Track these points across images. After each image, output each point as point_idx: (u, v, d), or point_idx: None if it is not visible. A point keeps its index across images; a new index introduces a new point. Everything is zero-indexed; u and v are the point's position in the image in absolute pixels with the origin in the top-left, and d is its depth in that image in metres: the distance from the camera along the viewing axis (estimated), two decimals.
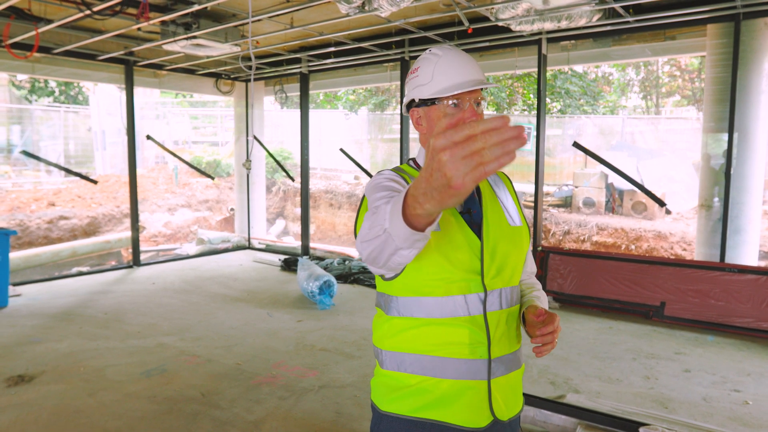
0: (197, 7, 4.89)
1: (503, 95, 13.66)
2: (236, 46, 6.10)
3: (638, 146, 12.00)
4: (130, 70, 7.42)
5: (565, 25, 5.06)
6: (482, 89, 1.34)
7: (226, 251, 8.98)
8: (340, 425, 3.13)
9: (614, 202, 10.73)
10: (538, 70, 6.10)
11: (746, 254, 5.24)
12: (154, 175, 15.21)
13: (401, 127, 7.33)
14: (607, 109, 16.87)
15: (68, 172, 9.48)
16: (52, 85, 16.26)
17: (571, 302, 5.64)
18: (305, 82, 8.27)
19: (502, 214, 1.37)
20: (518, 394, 1.38)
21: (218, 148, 18.40)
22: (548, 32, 5.85)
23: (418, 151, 1.43)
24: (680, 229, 9.43)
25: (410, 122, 1.44)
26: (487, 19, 5.36)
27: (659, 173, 11.05)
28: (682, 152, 11.83)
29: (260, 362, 4.10)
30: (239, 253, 8.89)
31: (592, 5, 4.69)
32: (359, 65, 7.73)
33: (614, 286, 5.45)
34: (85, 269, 7.79)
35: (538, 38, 5.96)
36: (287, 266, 7.54)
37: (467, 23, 5.24)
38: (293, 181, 10.20)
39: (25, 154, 10.25)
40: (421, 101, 1.33)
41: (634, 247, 9.26)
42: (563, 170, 12.34)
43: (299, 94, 8.38)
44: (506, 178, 1.48)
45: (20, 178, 13.93)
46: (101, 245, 9.48)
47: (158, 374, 3.85)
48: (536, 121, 6.14)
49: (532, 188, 6.36)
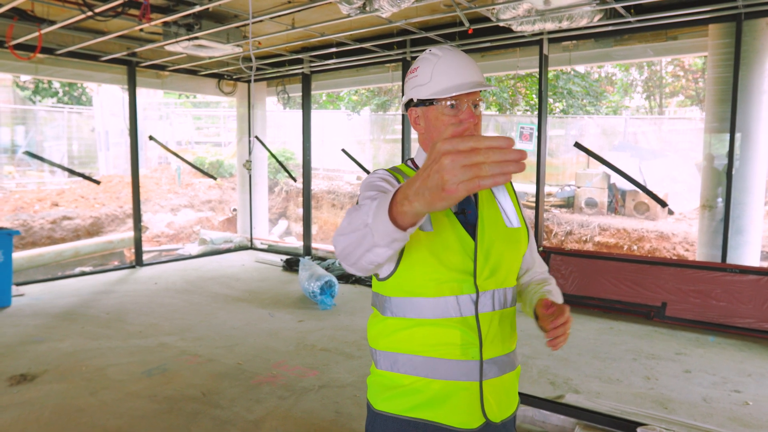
0: (199, 8, 4.92)
1: (505, 96, 13.66)
2: (238, 46, 6.12)
3: (641, 146, 11.97)
4: (132, 70, 7.46)
5: (566, 25, 5.07)
6: (481, 91, 1.33)
7: (228, 251, 9.01)
8: (339, 425, 3.14)
9: (617, 202, 10.71)
10: (539, 70, 6.10)
11: (748, 255, 5.23)
12: (157, 175, 15.25)
13: (403, 127, 7.34)
14: (609, 109, 16.84)
15: (71, 172, 9.52)
16: (55, 85, 16.33)
17: (572, 302, 5.63)
18: (307, 82, 8.29)
19: (498, 215, 1.37)
20: (512, 396, 1.36)
21: (221, 148, 18.44)
22: (549, 33, 5.85)
23: (416, 151, 1.43)
24: (683, 229, 9.40)
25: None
26: (488, 19, 5.37)
27: (662, 174, 11.02)
28: (685, 152, 11.78)
29: (261, 362, 4.11)
30: (241, 253, 8.91)
31: (593, 5, 4.69)
32: (361, 66, 7.74)
33: (615, 286, 5.44)
34: (87, 269, 7.83)
35: (539, 39, 5.96)
36: (289, 266, 7.56)
37: (468, 24, 5.25)
38: (295, 181, 10.22)
39: (28, 154, 10.31)
40: (419, 101, 1.32)
41: (636, 247, 9.24)
42: (565, 170, 12.31)
43: (301, 94, 8.40)
44: None
45: (24, 178, 14.00)
46: (104, 245, 9.52)
47: (159, 374, 3.87)
48: (537, 121, 6.14)
49: (533, 188, 6.36)
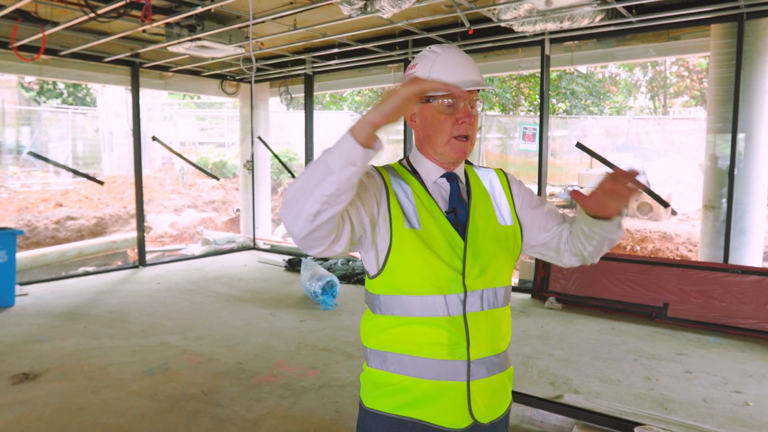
0: (201, 9, 4.94)
1: (508, 96, 13.65)
2: (240, 47, 6.14)
3: (644, 147, 11.94)
4: (135, 71, 7.49)
5: (567, 25, 5.06)
6: (478, 91, 1.33)
7: (231, 252, 9.03)
8: (338, 424, 3.15)
9: None
10: (541, 70, 6.10)
11: (750, 255, 5.21)
12: (160, 176, 15.32)
13: (405, 128, 7.35)
14: (613, 110, 16.80)
15: (75, 173, 9.58)
16: (60, 87, 16.42)
17: (574, 303, 5.63)
18: (309, 83, 8.31)
19: (492, 213, 1.36)
20: (502, 397, 1.35)
21: (225, 149, 18.50)
22: (551, 33, 5.85)
23: (411, 150, 1.44)
24: (686, 230, 9.38)
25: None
26: (489, 20, 5.37)
27: (665, 174, 11.00)
28: (688, 153, 11.75)
29: (262, 361, 4.13)
30: (244, 253, 8.93)
31: (594, 6, 4.69)
32: (363, 66, 7.75)
33: (617, 287, 5.43)
34: (91, 269, 7.87)
35: (541, 39, 5.96)
36: (291, 267, 7.58)
37: (468, 24, 5.25)
38: None
39: (32, 155, 10.37)
40: None
41: (639, 248, 9.22)
42: (568, 171, 12.29)
43: (304, 95, 8.42)
44: (504, 176, 1.45)
45: (29, 178, 14.08)
46: (107, 245, 9.57)
47: (160, 372, 3.89)
48: (539, 121, 6.14)
49: (535, 188, 6.36)
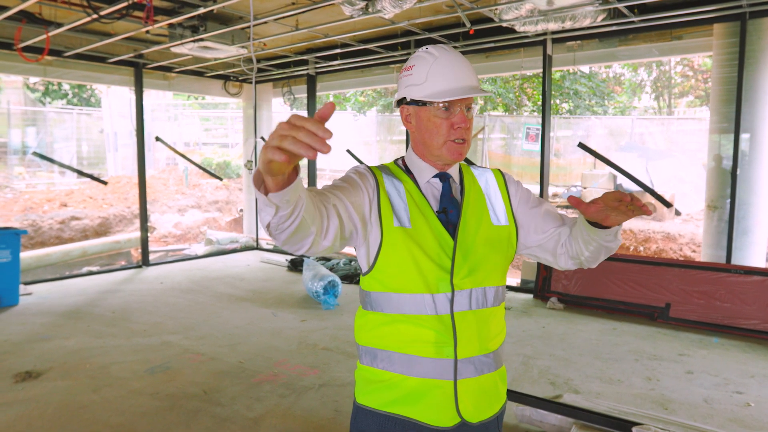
0: (203, 10, 4.96)
1: (511, 96, 13.63)
2: (243, 48, 6.16)
3: (648, 147, 11.90)
4: (139, 72, 7.53)
5: (569, 25, 5.06)
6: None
7: (234, 252, 9.06)
8: (338, 423, 3.16)
9: None
10: (543, 71, 6.09)
11: (753, 255, 5.18)
12: (164, 176, 15.37)
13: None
14: (617, 109, 16.76)
15: (79, 173, 9.62)
16: (65, 87, 16.51)
17: (575, 303, 5.62)
18: (312, 83, 8.32)
19: (485, 213, 1.36)
20: (493, 397, 1.34)
21: (229, 149, 18.56)
22: (553, 33, 5.84)
23: (407, 151, 1.44)
24: (690, 230, 9.34)
25: None
26: (491, 20, 5.37)
27: (669, 174, 10.97)
28: (692, 153, 11.71)
29: (263, 361, 4.14)
30: (247, 253, 8.96)
31: (595, 5, 4.68)
32: (366, 67, 7.76)
33: (619, 287, 5.42)
34: (94, 269, 7.91)
35: (542, 39, 5.95)
36: (294, 266, 7.59)
37: (469, 24, 5.25)
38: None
39: (36, 155, 10.43)
40: (412, 100, 1.32)
41: (642, 248, 9.19)
42: (572, 171, 12.26)
43: (306, 95, 8.44)
44: (501, 176, 1.45)
45: (34, 179, 14.16)
46: (111, 245, 9.61)
47: (162, 371, 3.90)
48: (541, 121, 6.13)
49: (537, 189, 6.35)
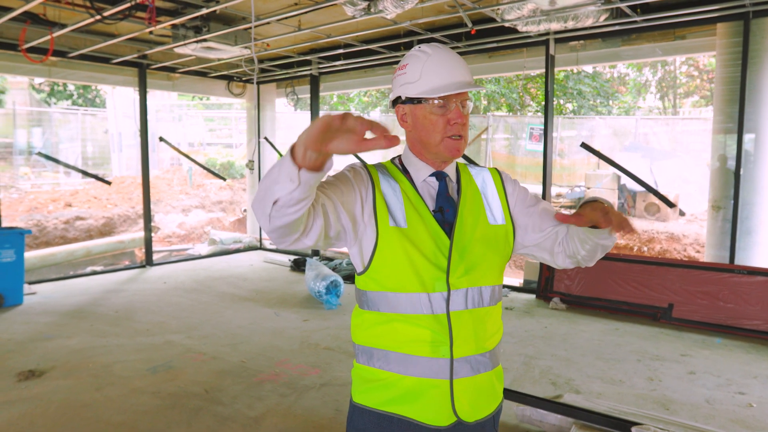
0: (206, 10, 4.98)
1: (514, 96, 13.61)
2: (246, 48, 6.17)
3: (652, 147, 11.86)
4: (143, 73, 7.56)
5: (571, 25, 5.05)
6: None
7: (237, 251, 9.08)
8: (338, 422, 3.17)
9: (628, 203, 10.62)
10: (545, 70, 6.08)
11: (757, 256, 5.15)
12: (168, 176, 15.42)
13: None
14: (621, 110, 16.71)
15: (83, 173, 9.67)
16: (70, 88, 16.59)
17: (578, 304, 5.61)
18: (315, 83, 8.34)
19: (482, 212, 1.36)
20: (489, 396, 1.34)
21: (233, 149, 18.60)
22: (555, 33, 5.83)
23: (404, 150, 1.44)
24: (694, 230, 9.30)
25: None
26: (493, 20, 5.37)
27: (673, 174, 10.93)
28: (697, 153, 11.67)
29: (264, 360, 4.15)
30: (250, 253, 8.98)
31: (598, 5, 4.67)
32: (369, 67, 7.77)
33: (622, 287, 5.41)
34: (98, 269, 7.95)
35: (545, 39, 5.94)
36: (297, 266, 7.61)
37: (471, 24, 5.25)
38: None
39: (40, 155, 10.49)
40: (407, 99, 1.32)
41: (646, 249, 9.16)
42: (576, 171, 12.23)
43: (309, 95, 8.45)
44: (498, 175, 1.45)
45: (39, 179, 14.24)
46: (115, 245, 9.65)
47: (164, 371, 3.92)
48: (544, 121, 6.13)
49: (540, 189, 6.34)
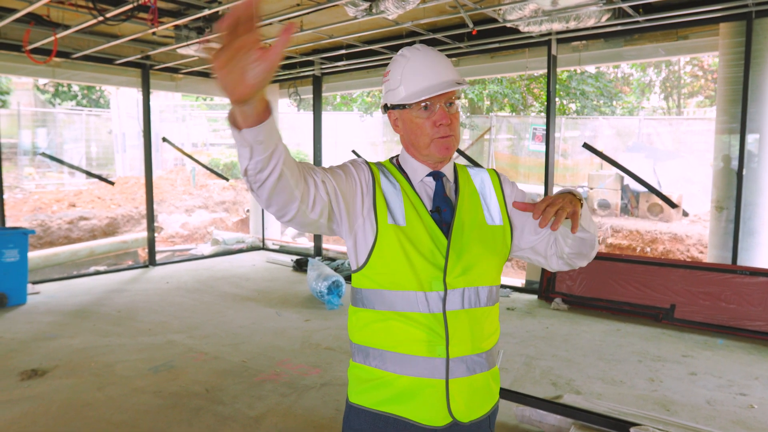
0: (208, 11, 5.00)
1: (517, 96, 13.59)
2: None
3: (656, 147, 11.83)
4: (146, 73, 7.59)
5: (573, 25, 5.05)
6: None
7: (240, 252, 9.10)
8: (338, 422, 3.17)
9: (632, 204, 10.60)
10: (547, 71, 6.08)
11: (760, 256, 5.14)
12: (172, 176, 15.46)
13: None
14: (625, 110, 16.66)
15: (87, 174, 9.70)
16: (75, 89, 16.66)
17: (580, 304, 5.60)
18: (318, 84, 8.35)
19: (480, 213, 1.36)
20: (485, 397, 1.33)
21: (236, 150, 18.60)
22: (557, 33, 5.83)
23: (400, 151, 1.45)
24: (697, 231, 9.27)
25: None
26: (495, 20, 5.37)
27: (677, 175, 10.90)
28: (701, 154, 11.62)
29: (265, 360, 4.16)
30: (253, 253, 9.00)
31: (599, 5, 4.67)
32: (371, 67, 7.78)
33: (624, 288, 5.40)
34: (102, 268, 7.98)
35: (547, 39, 5.94)
36: (299, 267, 7.62)
37: (472, 25, 5.25)
38: None
39: (44, 156, 10.54)
40: (392, 105, 1.33)
41: (649, 249, 9.13)
42: (579, 172, 12.21)
43: (312, 96, 8.47)
44: (496, 177, 1.45)
45: (44, 179, 14.31)
46: (118, 245, 9.69)
47: (165, 370, 3.94)
48: (546, 121, 6.12)
49: (542, 189, 6.33)
